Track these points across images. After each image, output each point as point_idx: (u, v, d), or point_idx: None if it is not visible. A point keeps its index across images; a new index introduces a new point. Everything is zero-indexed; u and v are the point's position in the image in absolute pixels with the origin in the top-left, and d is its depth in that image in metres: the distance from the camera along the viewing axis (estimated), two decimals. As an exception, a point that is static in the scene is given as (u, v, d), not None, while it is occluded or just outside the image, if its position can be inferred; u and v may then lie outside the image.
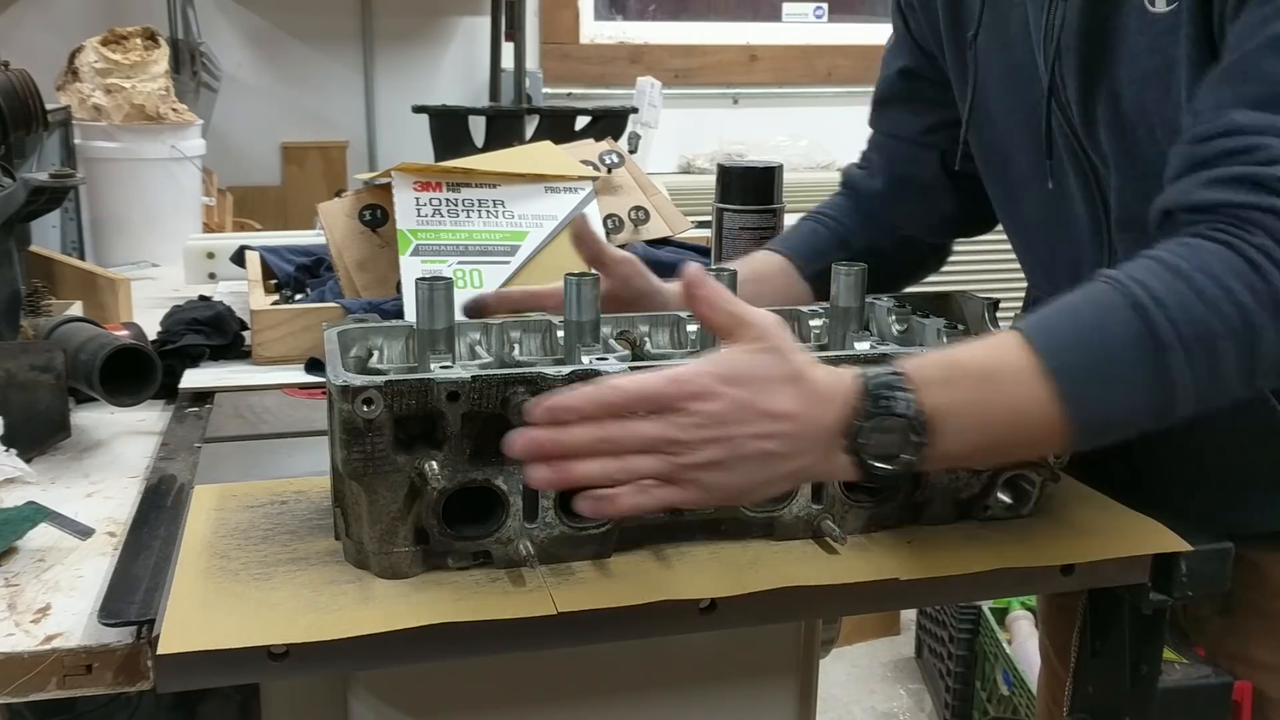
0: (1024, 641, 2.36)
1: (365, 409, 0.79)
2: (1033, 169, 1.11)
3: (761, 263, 1.24)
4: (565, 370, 0.84)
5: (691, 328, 0.98)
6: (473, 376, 0.81)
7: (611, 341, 0.95)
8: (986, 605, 2.49)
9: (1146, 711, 0.98)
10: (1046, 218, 1.12)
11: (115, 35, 2.44)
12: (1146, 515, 0.97)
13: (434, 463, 0.81)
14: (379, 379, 0.80)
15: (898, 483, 0.87)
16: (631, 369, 0.84)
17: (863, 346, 0.94)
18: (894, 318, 1.03)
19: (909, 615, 2.94)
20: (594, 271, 0.92)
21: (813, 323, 1.04)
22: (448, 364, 0.85)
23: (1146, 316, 0.79)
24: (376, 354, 0.93)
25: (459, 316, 0.90)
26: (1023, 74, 1.07)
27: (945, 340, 0.95)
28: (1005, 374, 0.80)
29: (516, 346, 0.95)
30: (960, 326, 1.00)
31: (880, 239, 1.27)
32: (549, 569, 0.85)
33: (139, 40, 2.45)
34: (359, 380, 0.80)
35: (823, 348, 1.00)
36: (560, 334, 0.94)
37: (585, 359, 0.87)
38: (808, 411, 0.78)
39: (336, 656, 0.77)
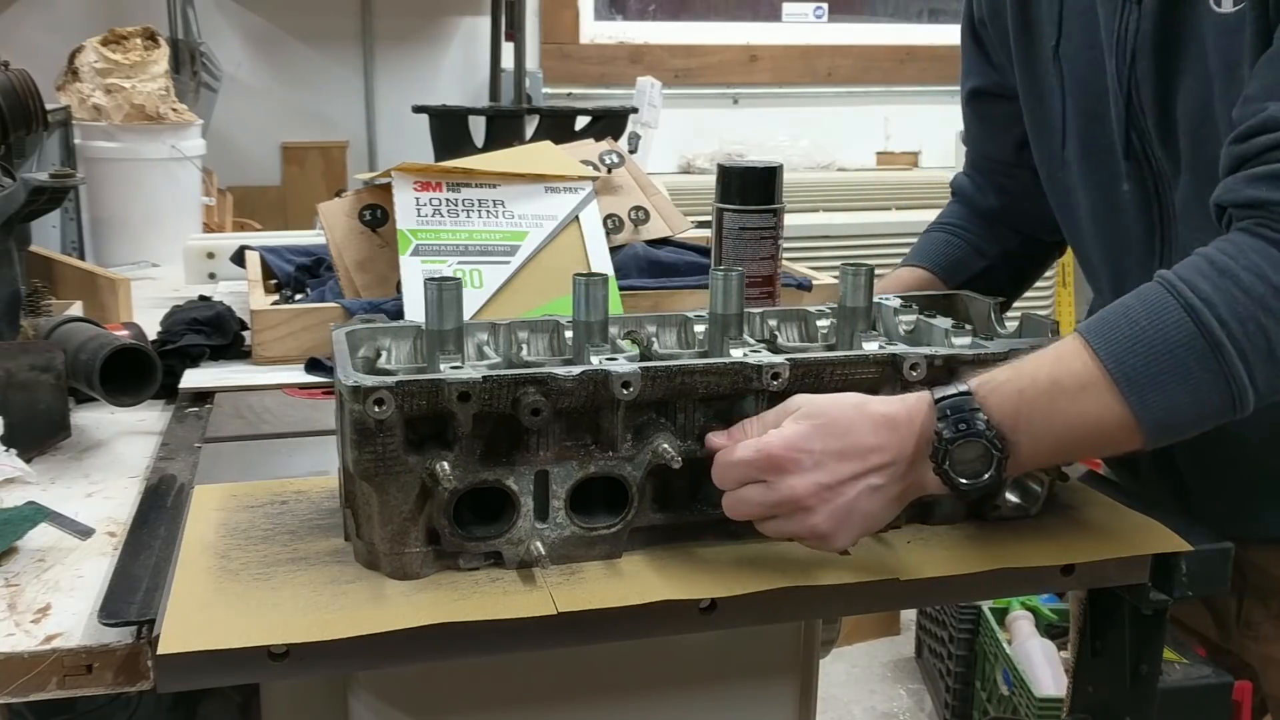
0: (1024, 641, 2.36)
1: (377, 409, 0.79)
2: (1086, 177, 1.12)
3: (909, 278, 1.27)
4: (575, 370, 0.84)
5: (699, 328, 0.98)
6: (484, 377, 0.81)
7: (619, 341, 0.95)
8: (986, 605, 2.49)
9: (1146, 711, 0.98)
10: (1100, 227, 1.14)
11: (115, 35, 2.44)
12: (1147, 515, 0.97)
13: (445, 463, 0.81)
14: (390, 380, 0.80)
15: (984, 494, 0.89)
16: (645, 369, 0.84)
17: (871, 346, 0.94)
18: (901, 318, 1.03)
19: (909, 615, 2.93)
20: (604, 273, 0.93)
21: (820, 323, 1.03)
22: (458, 364, 0.85)
23: (1198, 318, 0.82)
24: (384, 354, 0.93)
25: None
26: (1084, 81, 1.08)
27: (953, 340, 0.96)
28: (1070, 382, 0.83)
29: (525, 347, 0.95)
30: (968, 326, 1.00)
31: (1008, 242, 1.30)
32: (550, 569, 0.85)
33: (139, 40, 2.45)
34: (370, 381, 0.79)
35: (830, 348, 1.00)
36: (569, 334, 0.94)
37: (595, 359, 0.87)
38: (889, 442, 0.83)
39: (336, 656, 0.77)
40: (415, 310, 1.30)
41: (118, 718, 1.45)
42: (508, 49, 3.14)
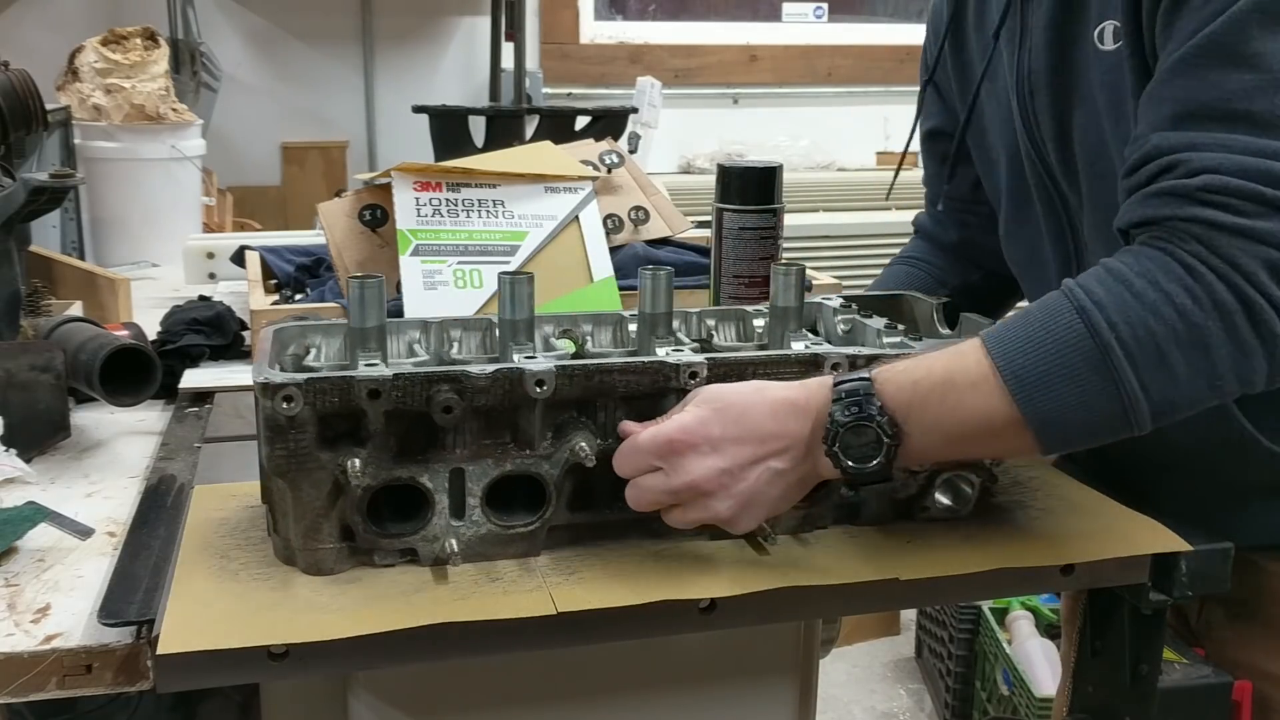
0: (1024, 641, 2.36)
1: (285, 406, 0.79)
2: (1010, 209, 1.15)
3: None
4: (490, 369, 0.84)
5: (633, 326, 0.98)
6: (395, 375, 0.82)
7: (553, 340, 0.96)
8: (986, 605, 2.49)
9: (1146, 711, 0.98)
10: (1023, 258, 1.16)
11: (115, 35, 2.44)
12: (1146, 515, 0.97)
13: (356, 460, 0.81)
14: (300, 376, 0.80)
15: (878, 481, 0.89)
16: (561, 368, 0.85)
17: (799, 346, 0.94)
18: (840, 317, 1.04)
19: (909, 615, 2.93)
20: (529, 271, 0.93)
21: (757, 322, 1.04)
22: (375, 362, 0.86)
23: (1088, 319, 0.82)
24: (314, 351, 0.93)
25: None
26: (1001, 115, 1.11)
27: (883, 340, 0.96)
28: (963, 378, 0.84)
29: (456, 345, 0.95)
30: (899, 326, 1.00)
31: (970, 275, 1.31)
32: (549, 568, 0.86)
33: (139, 40, 2.45)
34: (279, 378, 0.80)
35: (762, 347, 1.00)
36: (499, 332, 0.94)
37: (515, 357, 0.87)
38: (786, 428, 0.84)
39: (336, 656, 0.77)
40: (414, 310, 1.30)
41: (118, 718, 1.45)
42: (508, 49, 3.15)
